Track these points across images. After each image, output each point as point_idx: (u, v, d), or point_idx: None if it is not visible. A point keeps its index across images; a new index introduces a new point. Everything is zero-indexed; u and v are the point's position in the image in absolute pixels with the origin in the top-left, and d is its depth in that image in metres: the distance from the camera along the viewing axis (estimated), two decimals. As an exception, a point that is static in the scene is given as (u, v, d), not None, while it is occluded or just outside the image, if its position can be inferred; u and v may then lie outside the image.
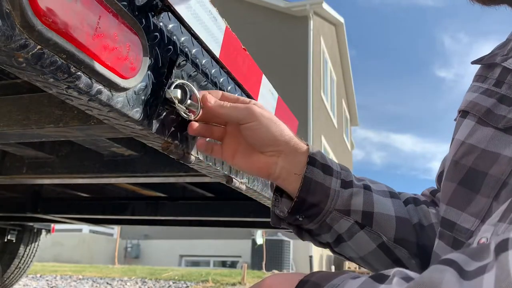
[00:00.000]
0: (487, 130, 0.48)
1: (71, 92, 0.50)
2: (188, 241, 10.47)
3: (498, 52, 0.55)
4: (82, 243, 11.39)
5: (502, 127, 0.47)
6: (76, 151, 1.26)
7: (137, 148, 1.18)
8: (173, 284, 5.42)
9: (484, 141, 0.48)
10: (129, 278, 5.86)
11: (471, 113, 0.51)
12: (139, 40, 0.55)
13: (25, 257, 3.05)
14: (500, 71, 0.51)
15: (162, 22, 0.61)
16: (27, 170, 1.30)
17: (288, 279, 0.43)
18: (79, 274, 6.22)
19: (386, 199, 0.63)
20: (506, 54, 0.52)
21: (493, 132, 0.48)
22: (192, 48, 0.70)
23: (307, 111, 9.51)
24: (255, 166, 0.63)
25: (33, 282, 5.05)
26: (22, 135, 0.86)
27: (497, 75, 0.51)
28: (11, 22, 0.39)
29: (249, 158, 0.63)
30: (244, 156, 0.64)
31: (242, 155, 0.64)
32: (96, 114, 0.58)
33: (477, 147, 0.48)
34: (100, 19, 0.48)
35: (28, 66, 0.43)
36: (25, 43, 0.40)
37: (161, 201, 1.99)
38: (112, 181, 1.34)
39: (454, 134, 0.54)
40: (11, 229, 2.95)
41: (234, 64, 0.83)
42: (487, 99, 0.50)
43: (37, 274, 5.84)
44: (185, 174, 1.16)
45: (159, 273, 6.36)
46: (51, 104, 0.78)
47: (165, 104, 0.63)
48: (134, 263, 10.28)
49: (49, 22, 0.41)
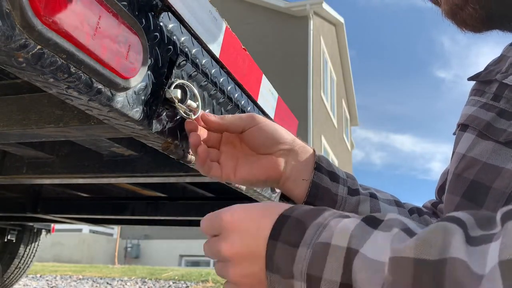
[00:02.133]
0: (488, 144, 0.48)
1: (71, 92, 0.50)
2: (188, 241, 10.47)
3: (494, 68, 0.54)
4: (82, 243, 11.39)
5: (503, 140, 0.47)
6: (76, 151, 1.26)
7: (137, 148, 1.18)
8: (173, 284, 5.42)
9: (485, 154, 0.48)
10: (129, 278, 5.86)
11: (471, 126, 0.51)
12: (139, 40, 0.55)
13: (25, 257, 3.05)
14: (498, 85, 0.51)
15: (162, 22, 0.61)
16: (27, 170, 1.30)
17: (259, 213, 0.41)
18: (79, 274, 6.22)
19: (392, 207, 0.64)
20: (505, 71, 0.52)
21: (494, 146, 0.47)
22: (192, 48, 0.70)
23: (307, 111, 9.50)
24: (264, 168, 0.61)
25: (33, 282, 5.05)
26: (22, 135, 0.86)
27: (495, 89, 0.51)
28: (11, 22, 0.39)
29: (254, 164, 0.62)
30: (247, 164, 0.62)
31: (245, 165, 0.62)
32: (96, 114, 0.58)
33: (479, 160, 0.48)
34: (100, 19, 0.48)
35: (28, 66, 0.43)
36: (25, 43, 0.40)
37: (161, 201, 1.99)
38: (112, 181, 1.34)
39: (454, 148, 0.54)
40: (11, 229, 2.95)
41: (234, 64, 0.83)
42: (486, 113, 0.50)
43: (37, 274, 5.84)
44: (185, 174, 1.16)
45: (159, 273, 6.36)
46: (51, 104, 0.78)
47: (165, 104, 0.63)
48: (134, 263, 10.28)
49: (49, 22, 0.41)
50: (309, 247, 0.36)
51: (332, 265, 0.34)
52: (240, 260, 0.41)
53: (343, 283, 0.33)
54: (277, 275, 0.38)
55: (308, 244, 0.36)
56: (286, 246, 0.38)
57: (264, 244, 0.39)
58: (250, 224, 0.41)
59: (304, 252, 0.36)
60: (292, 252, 0.37)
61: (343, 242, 0.35)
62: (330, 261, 0.34)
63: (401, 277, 0.30)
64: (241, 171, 0.62)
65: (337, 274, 0.34)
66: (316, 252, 0.36)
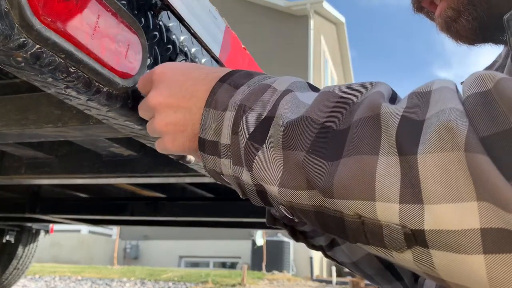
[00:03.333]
0: None
1: (70, 92, 0.49)
2: (187, 242, 10.46)
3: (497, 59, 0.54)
4: (81, 244, 11.37)
5: None
6: (75, 151, 1.26)
7: (136, 148, 1.17)
8: (172, 285, 5.42)
9: None
10: (128, 279, 5.86)
11: None
12: (138, 39, 0.54)
13: (24, 257, 3.04)
14: None
15: (162, 21, 0.61)
16: (26, 170, 1.29)
17: (193, 68, 0.45)
18: (78, 275, 6.21)
19: None
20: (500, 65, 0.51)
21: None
22: (192, 48, 0.70)
23: (307, 111, 9.49)
24: None
25: (31, 283, 5.04)
26: (21, 135, 0.86)
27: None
28: (10, 21, 0.38)
29: None
30: None
31: None
32: (95, 114, 0.58)
33: None
34: (99, 18, 0.48)
35: (27, 66, 0.43)
36: (23, 43, 0.40)
37: (160, 201, 1.99)
38: (111, 182, 1.34)
39: None
40: (9, 230, 2.94)
41: (234, 64, 0.82)
42: None
43: (35, 275, 5.83)
44: (184, 174, 1.16)
45: (158, 274, 6.35)
46: (50, 104, 0.78)
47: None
48: (133, 264, 10.27)
49: (47, 22, 0.41)
50: (250, 86, 0.40)
51: (265, 100, 0.37)
52: (164, 109, 0.44)
53: (268, 117, 0.36)
54: (212, 110, 0.40)
55: (252, 85, 0.40)
56: (230, 87, 0.41)
57: (189, 94, 0.42)
58: (179, 77, 0.44)
59: (245, 89, 0.39)
60: (233, 90, 0.40)
61: (282, 87, 0.38)
62: (264, 98, 0.37)
63: (321, 104, 0.33)
64: None
65: (266, 108, 0.36)
66: (255, 90, 0.39)
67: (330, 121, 0.31)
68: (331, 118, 0.31)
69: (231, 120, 0.38)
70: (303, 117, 0.32)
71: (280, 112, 0.35)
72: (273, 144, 0.34)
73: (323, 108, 0.32)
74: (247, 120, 0.36)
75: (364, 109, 0.30)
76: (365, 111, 0.29)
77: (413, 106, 0.28)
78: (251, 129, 0.36)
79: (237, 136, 0.37)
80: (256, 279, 5.93)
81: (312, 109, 0.33)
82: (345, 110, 0.31)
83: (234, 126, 0.38)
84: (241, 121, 0.37)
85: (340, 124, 0.31)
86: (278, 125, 0.34)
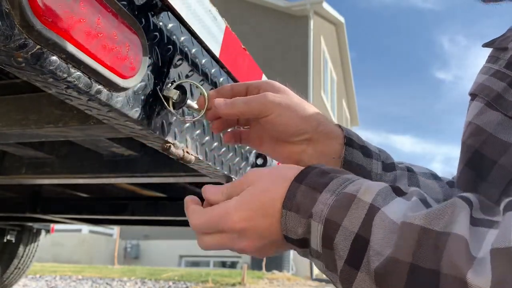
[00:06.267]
0: (496, 115, 0.46)
1: (70, 92, 0.50)
2: (187, 242, 10.45)
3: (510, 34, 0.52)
4: (81, 244, 11.38)
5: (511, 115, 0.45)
6: (76, 151, 1.26)
7: (136, 148, 1.18)
8: (172, 284, 5.42)
9: (491, 125, 0.46)
10: (129, 279, 5.86)
11: (480, 96, 0.49)
12: (138, 39, 0.55)
13: (25, 257, 3.05)
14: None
15: (162, 22, 0.61)
16: (27, 170, 1.30)
17: (279, 177, 0.42)
18: (78, 274, 6.21)
19: (431, 181, 0.60)
20: None
21: (501, 118, 0.46)
22: (192, 48, 0.70)
23: (307, 111, 9.48)
24: (282, 156, 0.59)
25: (32, 282, 5.05)
26: (22, 135, 0.86)
27: (509, 56, 0.49)
28: (11, 22, 0.39)
29: (275, 147, 0.58)
30: (270, 144, 0.59)
31: (268, 143, 0.59)
32: (95, 114, 0.58)
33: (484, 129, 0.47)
34: (100, 19, 0.48)
35: (28, 66, 0.43)
36: (24, 43, 0.40)
37: (161, 201, 1.99)
38: (111, 181, 1.34)
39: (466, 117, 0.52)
40: (10, 229, 2.94)
41: (234, 64, 0.82)
42: (498, 82, 0.48)
43: (36, 274, 5.83)
44: (185, 174, 1.16)
45: (158, 274, 6.36)
46: (51, 104, 0.78)
47: (164, 104, 0.63)
48: (134, 264, 10.27)
49: (48, 22, 0.41)
50: (333, 194, 0.37)
51: (353, 215, 0.35)
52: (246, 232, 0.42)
53: (359, 235, 0.34)
54: (293, 213, 0.39)
55: (333, 191, 0.38)
56: (309, 189, 0.39)
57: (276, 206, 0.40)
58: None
59: (327, 197, 0.37)
60: (314, 194, 0.38)
61: (368, 198, 0.36)
62: (352, 211, 0.35)
63: (406, 242, 0.31)
64: (266, 147, 0.60)
65: (356, 225, 0.35)
66: (340, 200, 0.37)
67: (418, 259, 0.31)
68: (417, 256, 0.31)
69: (319, 231, 0.37)
70: (391, 259, 0.32)
71: (373, 244, 0.33)
72: (369, 272, 0.33)
73: (408, 245, 0.31)
74: (340, 240, 0.35)
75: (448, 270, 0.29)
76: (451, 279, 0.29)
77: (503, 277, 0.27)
78: (345, 252, 0.35)
79: (331, 251, 0.36)
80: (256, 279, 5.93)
81: (397, 250, 0.32)
82: (430, 242, 0.31)
83: (324, 240, 0.37)
84: (334, 241, 0.36)
85: (427, 262, 0.30)
86: (369, 262, 0.33)
